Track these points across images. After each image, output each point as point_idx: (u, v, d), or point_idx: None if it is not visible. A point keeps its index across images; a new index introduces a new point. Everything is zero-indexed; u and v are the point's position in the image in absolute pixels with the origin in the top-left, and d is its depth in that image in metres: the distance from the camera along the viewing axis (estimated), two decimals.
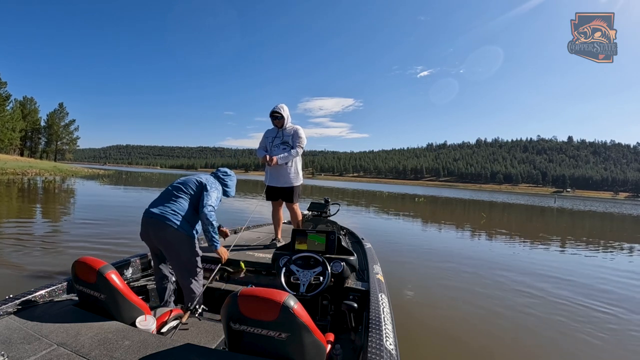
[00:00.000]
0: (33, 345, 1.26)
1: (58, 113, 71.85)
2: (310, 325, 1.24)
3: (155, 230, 2.34)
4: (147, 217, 2.38)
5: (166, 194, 2.48)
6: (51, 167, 39.13)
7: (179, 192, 2.45)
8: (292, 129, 3.75)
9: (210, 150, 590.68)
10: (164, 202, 2.40)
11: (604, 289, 5.29)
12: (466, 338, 3.35)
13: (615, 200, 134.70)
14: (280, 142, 3.74)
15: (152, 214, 2.35)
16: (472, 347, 3.17)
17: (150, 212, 2.37)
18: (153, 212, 2.35)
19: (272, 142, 3.79)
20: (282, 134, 3.75)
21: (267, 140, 3.85)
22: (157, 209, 2.36)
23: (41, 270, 4.32)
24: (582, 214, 26.59)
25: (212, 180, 2.63)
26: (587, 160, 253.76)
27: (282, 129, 3.75)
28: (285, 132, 3.75)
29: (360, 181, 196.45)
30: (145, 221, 2.38)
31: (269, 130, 3.88)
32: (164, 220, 2.30)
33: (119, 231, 7.16)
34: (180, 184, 2.51)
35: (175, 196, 2.43)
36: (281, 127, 3.74)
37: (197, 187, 2.50)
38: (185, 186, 2.49)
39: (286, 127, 3.75)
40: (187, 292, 2.40)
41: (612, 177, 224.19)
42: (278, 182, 3.79)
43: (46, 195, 15.15)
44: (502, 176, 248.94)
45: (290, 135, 3.73)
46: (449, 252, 7.54)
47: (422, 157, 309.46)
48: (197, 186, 2.50)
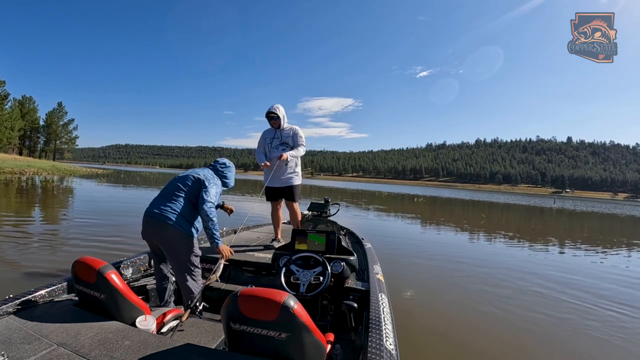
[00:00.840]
0: (33, 345, 1.26)
1: (57, 112, 71.64)
2: (310, 325, 1.24)
3: (155, 230, 2.34)
4: (147, 217, 2.38)
5: (165, 192, 2.47)
6: (49, 166, 39.06)
7: (178, 190, 2.44)
8: (290, 130, 3.76)
9: (210, 150, 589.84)
10: (163, 201, 2.39)
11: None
12: (467, 338, 3.35)
13: (615, 201, 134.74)
14: (279, 142, 3.74)
15: (151, 213, 2.35)
16: (473, 347, 3.17)
17: (150, 211, 2.38)
18: (152, 211, 2.35)
19: (270, 142, 3.79)
20: (280, 135, 3.75)
21: (265, 141, 3.85)
22: (156, 209, 2.35)
23: (40, 270, 4.31)
24: (584, 215, 26.44)
25: (210, 174, 2.60)
26: (587, 161, 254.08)
27: (279, 130, 3.75)
28: (283, 133, 3.75)
29: (359, 181, 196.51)
30: (146, 221, 2.39)
31: (267, 130, 3.87)
32: (163, 220, 2.30)
33: (116, 231, 7.16)
34: (178, 182, 2.49)
35: (173, 194, 2.42)
36: (278, 127, 3.74)
37: (195, 184, 2.46)
38: (183, 184, 2.47)
39: (284, 127, 3.75)
40: (185, 291, 2.39)
41: (611, 177, 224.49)
42: (278, 182, 3.78)
43: (43, 195, 15.13)
44: (501, 176, 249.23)
45: (290, 136, 3.74)
46: (449, 252, 7.54)
47: (422, 157, 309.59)
48: (194, 182, 2.47)
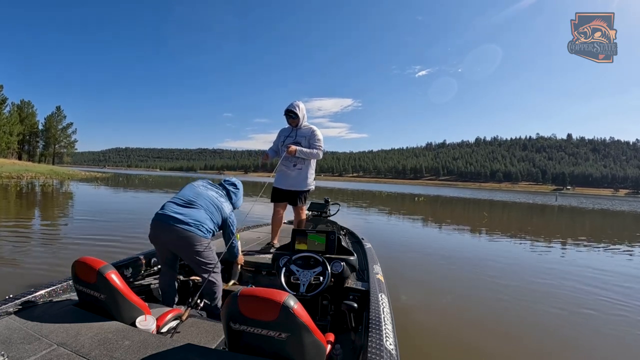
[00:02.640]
0: (33, 345, 1.26)
1: (55, 116, 71.79)
2: (310, 325, 1.24)
3: (170, 235, 2.28)
4: (162, 222, 2.29)
5: (182, 200, 2.42)
6: (48, 170, 39.04)
7: (196, 204, 2.40)
8: (308, 130, 3.57)
9: (210, 152, 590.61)
10: (181, 208, 2.35)
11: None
12: (467, 338, 3.34)
13: (616, 197, 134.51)
14: (293, 141, 3.55)
15: (168, 218, 2.28)
16: (473, 347, 3.16)
17: (166, 215, 2.29)
18: (169, 215, 2.28)
19: (284, 141, 3.62)
20: (295, 134, 3.58)
21: (279, 139, 3.70)
22: (174, 213, 2.29)
23: (40, 270, 4.32)
24: (588, 212, 26.38)
25: (224, 201, 2.59)
26: (587, 158, 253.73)
27: (297, 128, 3.58)
28: (299, 132, 3.57)
29: (359, 181, 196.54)
30: (160, 226, 2.30)
31: (284, 129, 3.72)
32: (181, 226, 2.25)
33: (114, 230, 7.17)
34: (199, 194, 2.47)
35: (193, 205, 2.39)
36: (296, 126, 3.57)
37: (217, 211, 2.47)
38: (202, 201, 2.44)
39: (301, 126, 3.58)
40: (208, 284, 2.35)
41: (612, 174, 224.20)
42: (286, 184, 3.61)
43: (41, 198, 15.17)
44: (501, 174, 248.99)
45: (305, 136, 3.55)
46: (449, 252, 7.54)
47: (422, 157, 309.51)
48: (216, 210, 2.47)
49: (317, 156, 3.56)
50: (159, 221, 2.30)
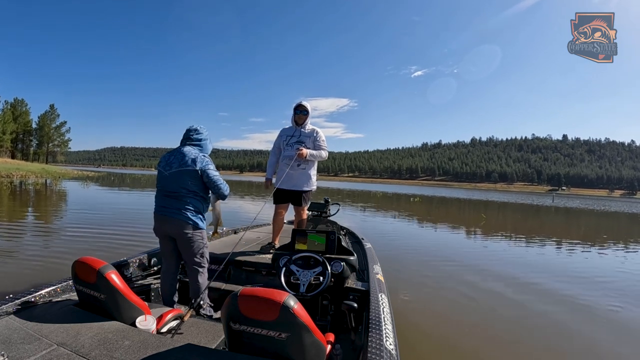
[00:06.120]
0: (33, 345, 1.26)
1: (49, 115, 71.27)
2: (310, 325, 1.24)
3: (169, 226, 2.42)
4: (159, 214, 2.44)
5: (168, 188, 2.43)
6: (39, 169, 38.79)
7: (181, 184, 2.40)
8: (312, 130, 3.52)
9: None
10: (169, 200, 2.42)
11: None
12: (466, 338, 3.35)
13: (611, 198, 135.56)
14: (296, 141, 3.47)
15: (162, 210, 2.42)
16: (473, 347, 3.17)
17: (161, 207, 2.44)
18: (163, 207, 2.42)
19: (287, 141, 3.53)
20: (299, 133, 3.49)
21: (281, 139, 3.61)
22: (166, 205, 2.42)
23: (40, 271, 4.29)
24: (584, 213, 26.53)
25: (195, 153, 2.48)
26: (582, 159, 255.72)
27: (301, 128, 3.50)
28: (303, 132, 3.49)
29: (355, 181, 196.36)
30: (159, 218, 2.45)
31: (285, 128, 3.63)
32: (173, 216, 2.38)
33: (104, 230, 7.15)
34: (176, 176, 2.40)
35: (178, 190, 2.40)
36: (302, 124, 3.49)
37: (193, 173, 2.40)
38: (182, 178, 2.40)
39: (306, 126, 3.51)
40: (194, 287, 2.48)
41: (607, 175, 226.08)
42: (288, 184, 3.51)
43: (32, 197, 15.11)
44: (497, 175, 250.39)
45: (309, 136, 3.49)
46: (449, 252, 7.57)
47: (417, 157, 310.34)
48: (192, 173, 2.40)
49: (324, 156, 3.54)
50: (156, 214, 2.49)
